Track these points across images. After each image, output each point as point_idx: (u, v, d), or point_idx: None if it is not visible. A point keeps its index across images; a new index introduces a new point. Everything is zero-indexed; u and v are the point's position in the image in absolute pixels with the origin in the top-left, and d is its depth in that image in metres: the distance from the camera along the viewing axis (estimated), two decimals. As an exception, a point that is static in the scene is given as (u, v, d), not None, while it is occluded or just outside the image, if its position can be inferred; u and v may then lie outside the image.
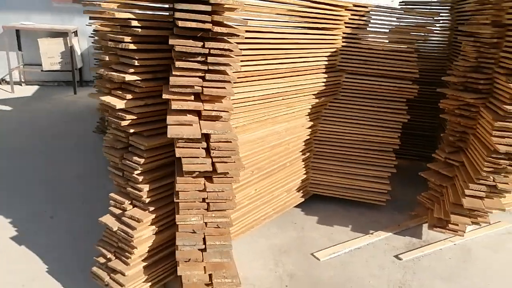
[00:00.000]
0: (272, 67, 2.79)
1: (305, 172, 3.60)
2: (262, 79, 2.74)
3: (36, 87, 7.26)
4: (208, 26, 1.64)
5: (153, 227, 2.18)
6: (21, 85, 7.25)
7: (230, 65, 1.75)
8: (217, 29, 1.65)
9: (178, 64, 1.71)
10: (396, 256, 3.04)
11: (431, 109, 4.20)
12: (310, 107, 3.36)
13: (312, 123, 3.47)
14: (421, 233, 3.37)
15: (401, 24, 3.58)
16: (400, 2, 4.54)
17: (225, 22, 1.67)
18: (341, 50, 3.39)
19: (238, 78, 2.57)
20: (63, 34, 6.82)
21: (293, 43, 2.90)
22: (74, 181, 3.85)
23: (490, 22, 2.95)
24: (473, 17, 3.28)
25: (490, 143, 2.73)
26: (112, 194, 2.25)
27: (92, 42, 4.68)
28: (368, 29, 3.51)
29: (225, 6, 1.65)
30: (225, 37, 1.74)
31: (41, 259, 2.72)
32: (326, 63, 3.31)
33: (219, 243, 2.07)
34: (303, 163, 3.56)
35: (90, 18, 1.87)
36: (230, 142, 1.93)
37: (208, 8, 1.62)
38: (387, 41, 3.45)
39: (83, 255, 2.67)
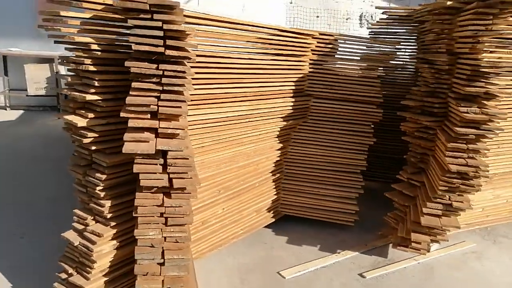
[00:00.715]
0: (238, 90, 2.93)
1: (275, 192, 3.69)
2: (228, 101, 2.88)
3: (21, 112, 7.34)
4: (160, 49, 1.78)
5: (114, 242, 2.24)
6: (6, 109, 7.33)
7: (184, 86, 1.88)
8: (169, 52, 1.80)
9: (134, 84, 1.84)
10: (361, 274, 3.10)
11: (399, 133, 4.36)
12: (279, 129, 3.49)
13: (281, 145, 3.59)
14: (387, 252, 3.45)
15: (367, 52, 3.78)
16: (369, 32, 4.80)
17: (177, 46, 1.81)
18: (308, 75, 3.56)
19: (204, 100, 2.71)
20: (49, 60, 6.98)
21: (259, 68, 3.06)
22: (48, 202, 3.89)
23: (445, 50, 3.16)
24: (432, 46, 3.50)
25: (444, 163, 2.87)
26: (76, 210, 2.32)
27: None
28: (335, 55, 3.71)
29: (177, 31, 1.80)
30: (180, 60, 1.87)
31: (8, 279, 2.74)
32: (294, 87, 3.47)
33: (177, 257, 2.13)
34: (274, 183, 3.66)
35: (55, 42, 2.01)
36: (187, 158, 2.04)
37: (160, 33, 1.77)
38: (353, 67, 3.63)
39: (51, 274, 2.69)
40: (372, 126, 3.87)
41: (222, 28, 2.77)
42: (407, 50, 4.58)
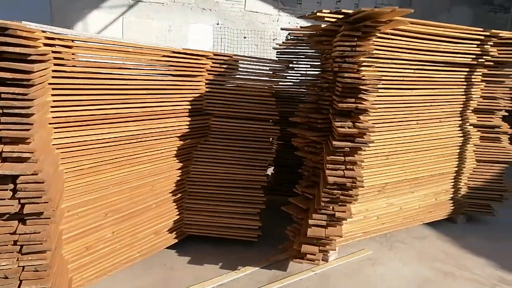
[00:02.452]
0: (123, 110, 2.91)
1: (178, 213, 3.66)
2: (110, 122, 2.84)
3: None
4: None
5: (-33, 275, 2.10)
6: None
7: (28, 109, 1.84)
8: (1, 74, 1.76)
9: (-31, 108, 1.78)
10: (256, 290, 3.14)
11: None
12: (177, 149, 3.49)
13: (182, 164, 3.58)
14: (287, 266, 3.52)
15: (266, 71, 3.92)
16: (276, 53, 4.99)
17: (13, 68, 1.78)
18: (206, 95, 3.61)
19: (81, 121, 2.66)
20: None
21: (148, 88, 3.07)
22: None
23: (330, 69, 3.36)
24: (322, 65, 3.71)
25: (326, 176, 3.01)
26: None
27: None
28: (235, 75, 3.81)
29: (14, 53, 1.77)
30: (22, 82, 1.83)
31: None
32: (191, 107, 3.50)
33: (35, 287, 2.04)
34: (175, 204, 3.62)
35: None
36: (42, 182, 1.97)
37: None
38: (250, 86, 3.74)
39: None
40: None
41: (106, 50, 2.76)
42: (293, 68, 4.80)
